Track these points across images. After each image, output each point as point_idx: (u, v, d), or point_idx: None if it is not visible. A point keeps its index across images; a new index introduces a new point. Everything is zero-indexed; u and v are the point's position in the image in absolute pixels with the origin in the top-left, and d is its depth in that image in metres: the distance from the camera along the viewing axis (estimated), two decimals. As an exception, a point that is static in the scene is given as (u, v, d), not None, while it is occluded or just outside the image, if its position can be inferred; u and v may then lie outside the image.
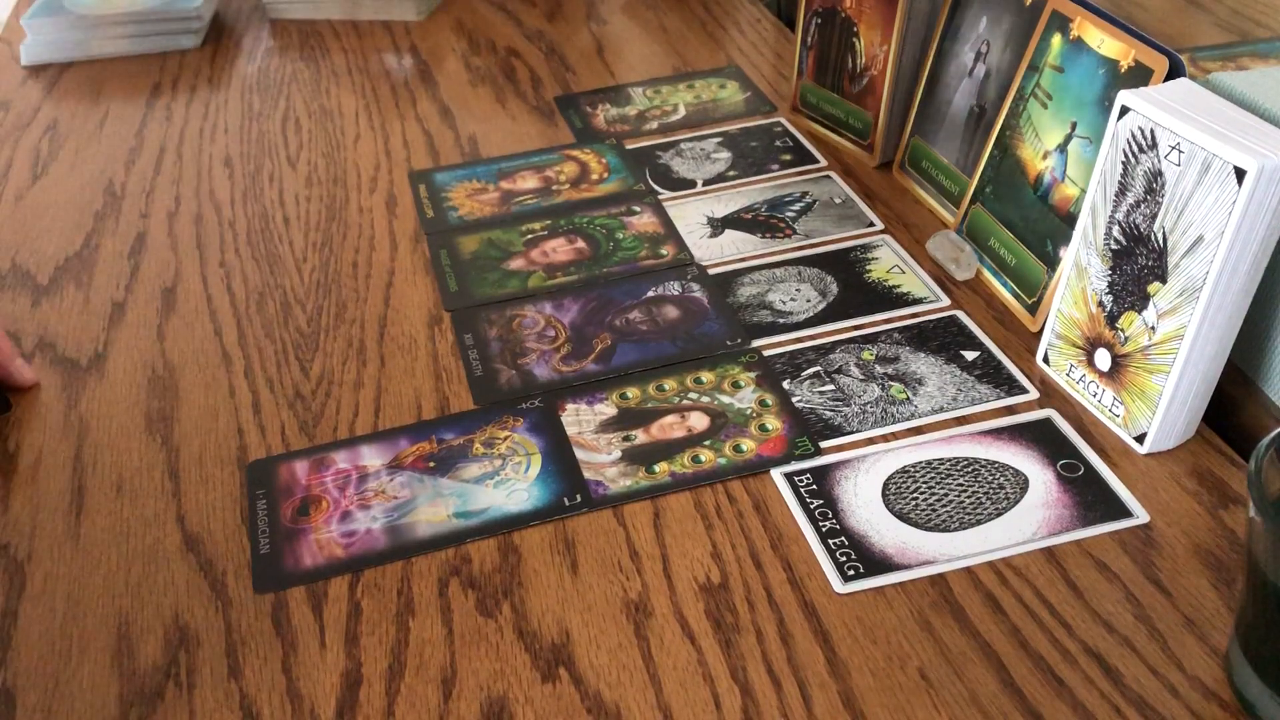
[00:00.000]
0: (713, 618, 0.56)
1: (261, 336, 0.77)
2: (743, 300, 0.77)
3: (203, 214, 0.92)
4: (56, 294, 0.83)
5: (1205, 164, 0.58)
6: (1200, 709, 0.51)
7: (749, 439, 0.66)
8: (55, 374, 0.75)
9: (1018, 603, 0.56)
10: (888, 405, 0.68)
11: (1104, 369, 0.65)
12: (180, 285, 0.83)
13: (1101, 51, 0.69)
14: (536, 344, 0.75)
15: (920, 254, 0.81)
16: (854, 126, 0.93)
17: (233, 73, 1.15)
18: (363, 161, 0.98)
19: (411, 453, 0.67)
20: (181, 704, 0.54)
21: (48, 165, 1.00)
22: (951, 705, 0.52)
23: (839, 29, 0.92)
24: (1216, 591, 0.56)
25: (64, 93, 1.13)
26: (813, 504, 0.62)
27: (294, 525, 0.63)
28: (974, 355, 0.71)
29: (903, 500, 0.62)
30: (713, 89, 1.05)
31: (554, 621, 0.57)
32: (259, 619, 0.58)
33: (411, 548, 0.61)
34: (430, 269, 0.83)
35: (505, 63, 1.13)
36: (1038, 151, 0.73)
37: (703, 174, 0.92)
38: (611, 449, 0.66)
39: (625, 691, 0.53)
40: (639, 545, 0.60)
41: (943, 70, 0.84)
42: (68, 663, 0.56)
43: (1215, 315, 0.59)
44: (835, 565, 0.58)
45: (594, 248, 0.84)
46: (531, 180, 0.93)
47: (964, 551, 0.59)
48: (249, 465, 0.67)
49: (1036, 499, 0.61)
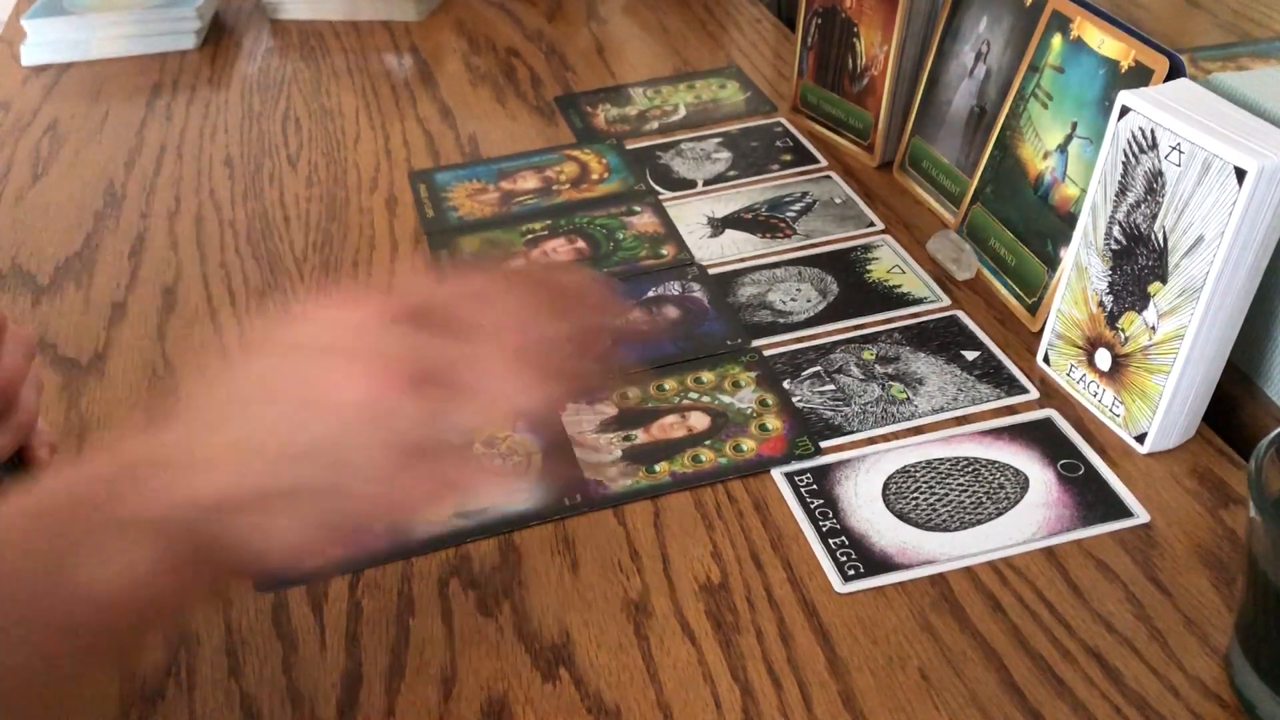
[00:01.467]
0: (713, 617, 0.56)
1: (261, 336, 0.77)
2: (743, 300, 0.77)
3: (203, 214, 0.92)
4: (56, 294, 0.83)
5: (1205, 164, 0.58)
6: (1200, 709, 0.51)
7: (749, 438, 0.66)
8: (55, 374, 0.75)
9: (1018, 602, 0.56)
10: (888, 405, 0.68)
11: (1104, 369, 0.65)
12: (180, 285, 0.83)
13: (1102, 52, 0.69)
14: (536, 344, 0.75)
15: (920, 254, 0.81)
16: (854, 126, 0.93)
17: (233, 73, 1.15)
18: (363, 161, 0.98)
19: (411, 452, 0.67)
20: (181, 704, 0.54)
21: (48, 165, 1.00)
22: (951, 705, 0.52)
23: (839, 29, 0.92)
24: (1216, 591, 0.56)
25: (64, 93, 1.13)
26: (813, 504, 0.62)
27: (294, 525, 0.63)
28: (974, 355, 0.71)
29: (903, 500, 0.62)
30: (713, 89, 1.05)
31: (554, 621, 0.57)
32: (259, 619, 0.58)
33: (410, 548, 0.61)
34: (430, 269, 0.83)
35: (505, 63, 1.13)
36: (1038, 151, 0.73)
37: (703, 174, 0.92)
38: (612, 449, 0.66)
39: (625, 691, 0.53)
40: (639, 545, 0.60)
41: (943, 70, 0.84)
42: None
43: (1215, 315, 0.59)
44: (836, 565, 0.58)
45: (594, 248, 0.84)
46: (532, 180, 0.93)
47: (964, 551, 0.59)
48: (249, 465, 0.67)
49: (1037, 499, 0.61)
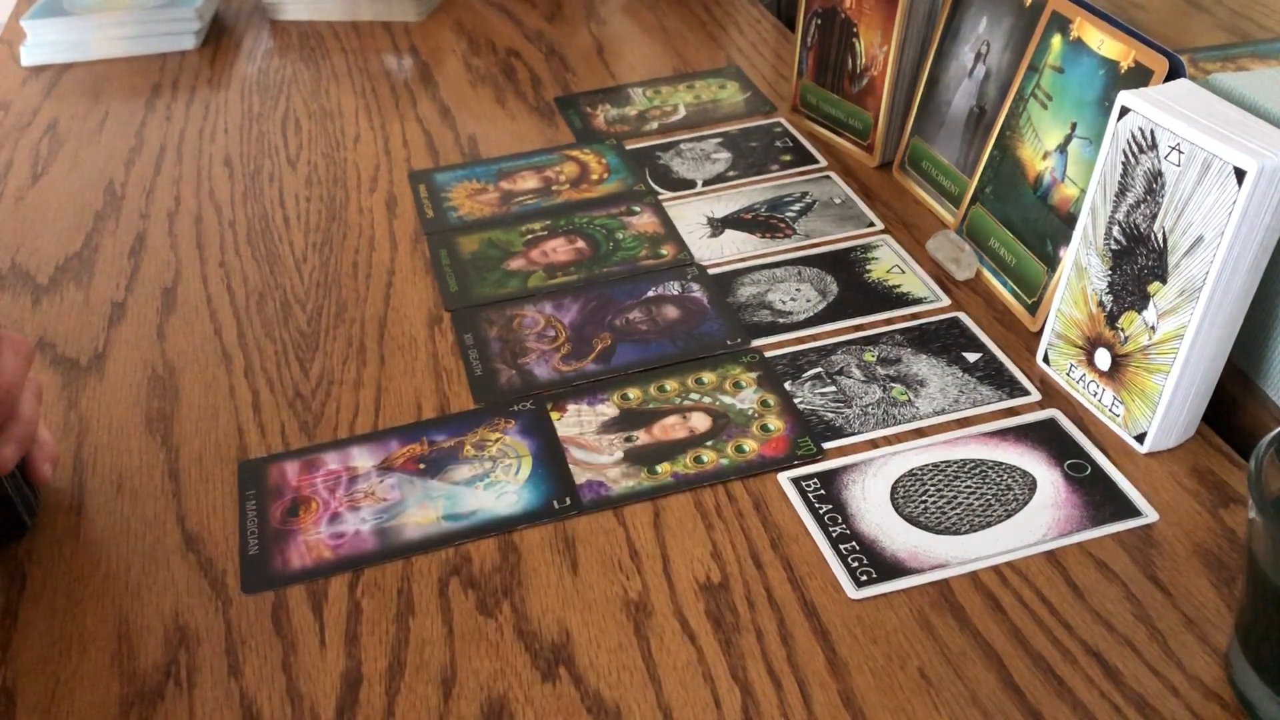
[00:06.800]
0: (713, 617, 0.56)
1: (261, 336, 0.77)
2: (743, 300, 0.77)
3: (203, 214, 0.92)
4: (56, 294, 0.83)
5: (1205, 164, 0.58)
6: (1200, 709, 0.51)
7: (751, 439, 0.66)
8: (55, 374, 0.75)
9: (1018, 602, 0.56)
10: (889, 407, 0.68)
11: (1104, 369, 0.65)
12: (180, 285, 0.83)
13: (1101, 52, 0.69)
14: (536, 344, 0.75)
15: (920, 254, 0.81)
16: (854, 127, 0.93)
17: (233, 73, 1.15)
18: (363, 161, 0.98)
19: (402, 454, 0.67)
20: (181, 704, 0.54)
21: (48, 165, 1.00)
22: (951, 705, 0.52)
23: (839, 29, 0.92)
24: (1216, 591, 0.56)
25: (64, 93, 1.13)
26: (821, 509, 0.62)
27: (283, 526, 0.63)
28: (975, 357, 0.71)
29: (912, 504, 0.62)
30: (712, 89, 1.05)
31: (554, 621, 0.57)
32: (259, 619, 0.58)
33: (400, 550, 0.61)
34: (430, 269, 0.83)
35: (505, 63, 1.13)
36: (1038, 152, 0.73)
37: (703, 174, 0.92)
38: (613, 450, 0.66)
39: (625, 691, 0.53)
40: (639, 545, 0.60)
41: (943, 70, 0.84)
42: (68, 663, 0.56)
43: (1215, 315, 0.59)
44: (848, 571, 0.58)
45: (594, 248, 0.84)
46: (531, 180, 0.93)
47: (977, 554, 0.58)
48: (240, 465, 0.67)
49: (1045, 500, 0.61)
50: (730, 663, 0.54)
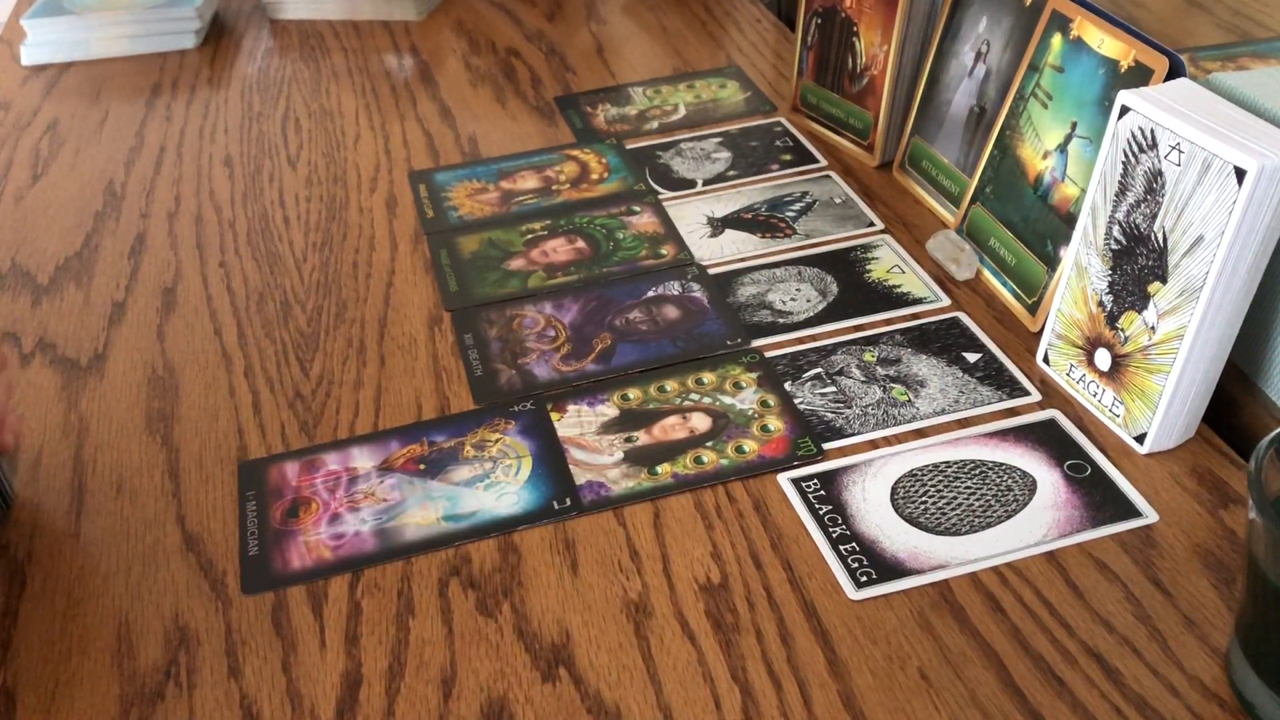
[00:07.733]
0: (713, 618, 0.56)
1: (261, 336, 0.77)
2: (743, 300, 0.77)
3: (203, 214, 0.92)
4: (56, 294, 0.83)
5: (1205, 164, 0.58)
6: (1200, 709, 0.51)
7: (751, 440, 0.66)
8: (55, 374, 0.75)
9: (1018, 603, 0.56)
10: (889, 407, 0.68)
11: (1104, 369, 0.65)
12: (180, 285, 0.83)
13: (1101, 51, 0.69)
14: (536, 344, 0.75)
15: (920, 254, 0.81)
16: (854, 126, 0.93)
17: (233, 73, 1.15)
18: (363, 161, 0.98)
19: (402, 455, 0.67)
20: (181, 704, 0.54)
21: (48, 165, 1.00)
22: (951, 705, 0.52)
23: (839, 29, 0.92)
24: (1216, 591, 0.56)
25: (64, 93, 1.13)
26: (821, 510, 0.62)
27: (283, 527, 0.63)
28: (975, 358, 0.71)
29: (912, 504, 0.62)
30: (713, 89, 1.05)
31: (554, 621, 0.57)
32: (259, 619, 0.58)
33: (400, 550, 0.61)
34: (430, 269, 0.83)
35: (505, 63, 1.13)
36: (1038, 151, 0.73)
37: (703, 174, 0.92)
38: (613, 450, 0.66)
39: (625, 691, 0.53)
40: (639, 545, 0.60)
41: (943, 70, 0.84)
42: (68, 663, 0.56)
43: (1215, 315, 0.59)
44: (848, 572, 0.58)
45: (594, 248, 0.84)
46: (531, 180, 0.93)
47: (976, 555, 0.58)
48: (240, 466, 0.67)
49: (1045, 500, 0.61)
50: (730, 663, 0.54)
